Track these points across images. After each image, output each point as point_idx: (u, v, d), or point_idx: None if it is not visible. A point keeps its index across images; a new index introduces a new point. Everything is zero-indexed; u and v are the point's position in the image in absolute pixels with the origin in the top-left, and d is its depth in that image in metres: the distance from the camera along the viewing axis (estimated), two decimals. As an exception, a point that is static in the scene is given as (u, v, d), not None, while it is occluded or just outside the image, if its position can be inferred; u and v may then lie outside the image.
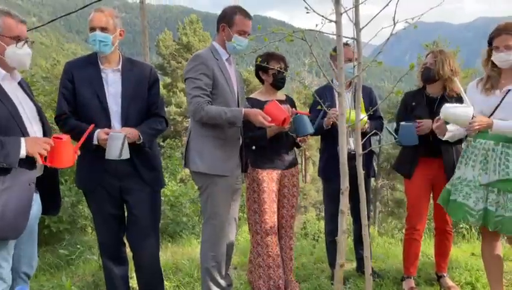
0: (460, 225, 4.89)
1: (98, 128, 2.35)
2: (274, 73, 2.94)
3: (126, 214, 2.62)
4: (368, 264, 2.06)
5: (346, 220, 1.99)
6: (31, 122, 2.12)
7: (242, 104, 2.80)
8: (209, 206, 2.68)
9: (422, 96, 3.05)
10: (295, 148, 3.18)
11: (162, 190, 3.05)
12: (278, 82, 3.01)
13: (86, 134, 2.20)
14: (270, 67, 2.88)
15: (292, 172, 3.10)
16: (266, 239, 2.95)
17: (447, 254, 3.21)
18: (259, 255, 2.98)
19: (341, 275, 2.04)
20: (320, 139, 3.44)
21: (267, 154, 2.98)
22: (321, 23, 1.83)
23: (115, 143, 2.29)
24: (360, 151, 1.99)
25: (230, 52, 2.70)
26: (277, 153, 3.02)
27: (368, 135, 2.74)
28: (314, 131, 2.89)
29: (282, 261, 3.05)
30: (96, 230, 2.67)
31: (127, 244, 2.68)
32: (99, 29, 2.38)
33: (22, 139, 1.98)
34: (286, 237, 3.11)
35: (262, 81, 3.08)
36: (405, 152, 3.11)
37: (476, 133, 2.51)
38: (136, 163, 2.48)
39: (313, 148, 24.53)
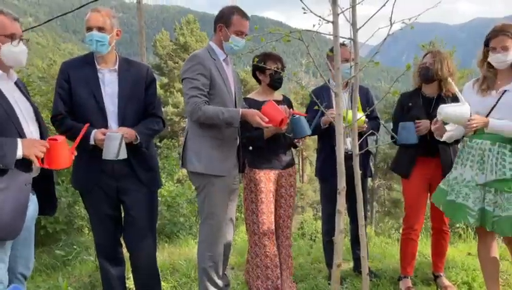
0: (456, 225, 4.91)
1: (95, 128, 2.35)
2: (271, 73, 2.95)
3: (123, 215, 2.61)
4: (365, 264, 2.06)
5: (343, 220, 1.99)
6: (28, 122, 2.11)
7: (239, 104, 2.80)
8: (206, 206, 2.68)
9: (418, 96, 3.06)
10: (292, 148, 3.18)
11: (159, 191, 3.04)
12: (275, 82, 3.01)
13: (81, 134, 2.20)
14: (267, 67, 2.88)
15: (289, 172, 3.10)
16: (264, 239, 2.95)
17: (444, 254, 3.22)
18: (256, 255, 2.98)
19: (338, 275, 2.04)
20: (317, 139, 3.45)
21: (265, 154, 2.98)
22: (318, 23, 1.83)
23: (112, 143, 2.28)
24: (357, 151, 2.00)
25: (227, 52, 2.70)
26: (274, 153, 3.02)
27: (365, 135, 2.75)
28: (311, 132, 2.90)
29: (279, 261, 3.06)
30: (92, 231, 2.67)
31: (124, 244, 2.67)
32: (96, 29, 2.37)
33: (19, 140, 1.97)
34: (283, 237, 3.11)
35: (259, 81, 3.09)
36: (402, 152, 3.12)
37: (472, 133, 2.52)
38: (133, 163, 2.48)
39: (310, 148, 24.55)
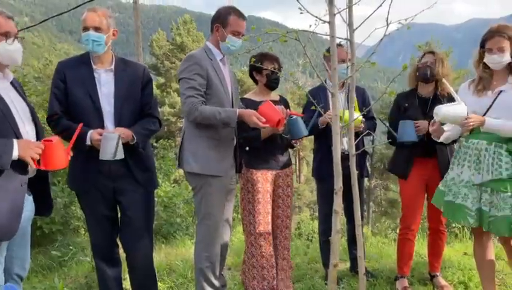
0: (452, 225, 4.93)
1: (91, 128, 2.34)
2: (268, 73, 2.95)
3: (119, 215, 2.61)
4: (362, 264, 2.06)
5: (339, 220, 1.99)
6: (24, 122, 2.10)
7: (236, 104, 2.80)
8: (203, 206, 2.67)
9: (414, 97, 3.07)
10: (289, 148, 3.19)
11: (156, 191, 3.04)
12: (272, 82, 3.01)
13: (76, 134, 2.18)
14: (264, 67, 2.88)
15: (286, 172, 3.10)
16: (260, 240, 2.95)
17: (440, 254, 3.23)
18: (253, 255, 2.98)
19: (335, 275, 2.04)
20: (313, 139, 3.45)
21: (262, 154, 2.98)
22: (315, 23, 1.84)
23: (110, 143, 2.28)
24: (354, 151, 2.00)
25: (224, 52, 2.70)
26: (271, 154, 3.01)
27: (361, 136, 2.75)
28: (308, 133, 2.90)
29: (276, 261, 3.06)
30: (89, 231, 2.66)
31: (120, 245, 2.66)
32: (92, 28, 2.37)
33: (15, 141, 1.96)
34: (281, 237, 3.10)
35: (256, 81, 3.08)
36: (400, 153, 3.12)
37: (468, 133, 2.53)
38: (130, 164, 2.47)
39: (307, 148, 24.57)
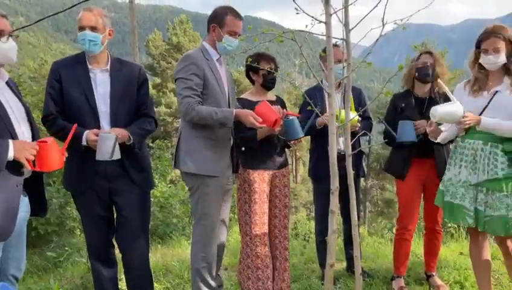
0: (448, 225, 4.94)
1: (87, 129, 2.33)
2: (264, 74, 2.94)
3: (115, 216, 2.60)
4: (358, 264, 2.06)
5: (336, 220, 1.99)
6: (20, 122, 2.09)
7: (233, 104, 2.80)
8: (199, 207, 2.67)
9: (410, 97, 3.08)
10: (286, 148, 3.18)
11: (152, 191, 3.03)
12: (268, 83, 3.01)
13: (71, 134, 2.17)
14: (261, 67, 2.88)
15: (283, 172, 3.10)
16: (255, 240, 2.94)
17: (437, 254, 3.24)
18: (248, 256, 2.98)
19: (331, 275, 2.04)
20: (310, 139, 3.45)
21: (259, 155, 2.98)
22: (311, 24, 1.83)
23: (107, 144, 2.27)
24: (350, 151, 2.00)
25: (220, 52, 2.70)
26: (268, 154, 3.01)
27: (358, 136, 2.76)
28: (304, 135, 2.89)
29: (272, 261, 3.05)
30: (84, 232, 2.64)
31: (116, 245, 2.65)
32: (88, 28, 2.36)
33: (10, 142, 1.95)
34: (280, 237, 3.10)
35: (252, 81, 3.08)
36: (397, 153, 3.12)
37: (464, 133, 2.54)
38: (126, 164, 2.46)
39: (304, 148, 24.59)
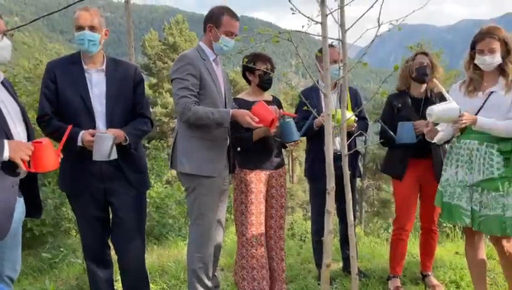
0: (444, 224, 4.96)
1: (83, 129, 2.32)
2: (260, 74, 2.94)
3: (111, 216, 2.59)
4: (354, 264, 2.07)
5: (332, 220, 1.99)
6: (15, 123, 2.07)
7: (229, 104, 2.80)
8: (196, 207, 2.66)
9: (407, 97, 3.09)
10: (282, 148, 3.19)
11: (148, 192, 3.02)
12: (265, 83, 3.01)
13: (65, 136, 2.16)
14: (257, 68, 2.87)
15: (279, 173, 3.10)
16: (251, 240, 2.94)
17: (432, 253, 3.25)
18: (243, 256, 2.97)
19: (327, 275, 2.04)
20: (306, 139, 3.45)
21: (256, 155, 2.97)
22: (307, 24, 1.83)
23: (104, 143, 2.26)
24: (346, 151, 2.00)
25: (217, 52, 2.69)
26: (265, 154, 3.01)
27: (353, 136, 2.76)
28: (299, 137, 2.89)
29: (271, 261, 3.05)
30: (80, 233, 2.63)
31: (112, 246, 2.64)
32: (87, 28, 2.35)
33: (6, 142, 1.94)
34: (276, 237, 3.10)
35: (249, 82, 3.08)
36: (394, 154, 3.12)
37: (459, 133, 2.54)
38: (122, 165, 2.45)
39: (300, 148, 24.62)
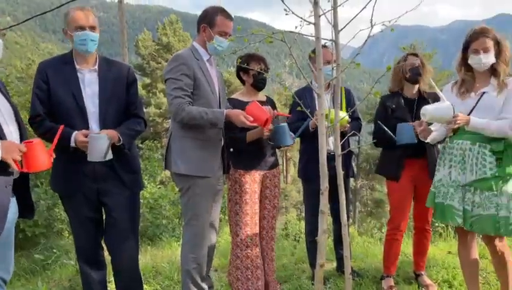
0: (436, 224, 4.99)
1: (76, 130, 2.31)
2: (254, 74, 2.95)
3: (104, 217, 2.57)
4: (348, 263, 2.07)
5: (326, 220, 2.00)
6: (8, 123, 2.05)
7: (223, 104, 2.79)
8: (190, 208, 2.66)
9: (400, 98, 3.10)
10: (276, 149, 3.19)
11: (141, 193, 3.01)
12: (259, 83, 3.01)
13: (57, 136, 2.15)
14: (250, 68, 2.88)
15: (274, 173, 3.10)
16: (246, 240, 2.94)
17: (425, 253, 3.27)
18: (237, 257, 2.98)
19: (321, 275, 2.05)
20: (300, 140, 3.46)
21: (250, 155, 2.98)
22: (300, 25, 1.84)
23: (99, 144, 2.25)
24: (339, 151, 2.01)
25: (211, 52, 2.69)
26: (259, 155, 3.01)
27: (347, 136, 2.77)
28: (293, 142, 2.89)
29: (262, 262, 3.05)
30: (73, 234, 2.61)
31: (105, 247, 2.63)
32: (89, 28, 2.34)
33: None
34: (267, 238, 3.11)
35: (243, 82, 3.08)
36: (389, 155, 3.12)
37: (452, 134, 2.56)
38: (115, 165, 2.44)
39: (294, 149, 24.65)
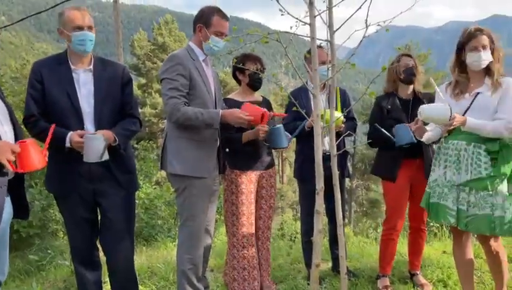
0: (431, 223, 5.01)
1: (71, 130, 2.29)
2: (250, 73, 2.95)
3: (99, 218, 2.56)
4: (343, 263, 2.08)
5: (321, 220, 2.00)
6: (2, 123, 2.04)
7: (219, 105, 2.79)
8: (186, 208, 2.65)
9: (395, 99, 3.11)
10: (272, 149, 3.19)
11: (137, 193, 3.00)
12: (255, 82, 3.01)
13: (50, 135, 2.13)
14: (246, 68, 2.88)
15: (270, 173, 3.10)
16: (242, 241, 2.94)
17: (421, 252, 3.29)
18: (234, 257, 2.97)
19: (317, 275, 2.05)
20: (296, 140, 3.46)
21: (246, 155, 2.98)
22: (295, 25, 1.84)
23: (95, 144, 2.24)
24: (335, 151, 2.01)
25: (207, 52, 2.69)
26: (256, 154, 3.01)
27: (342, 136, 2.77)
28: (288, 144, 2.90)
29: (258, 262, 3.05)
30: (68, 234, 2.60)
31: (100, 248, 2.62)
32: (87, 28, 2.33)
33: None
34: (263, 238, 3.11)
35: (239, 82, 3.08)
36: (386, 155, 3.13)
37: (447, 134, 2.57)
38: (111, 165, 2.43)
39: (290, 149, 24.69)
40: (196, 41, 2.69)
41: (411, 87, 3.10)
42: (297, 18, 1.83)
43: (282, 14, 1.83)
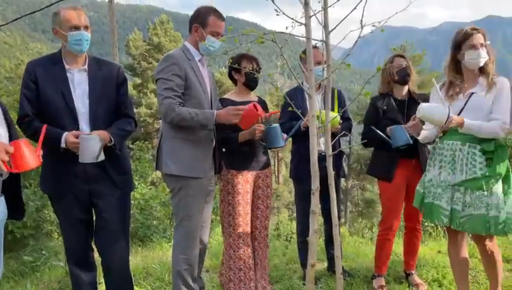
0: (426, 223, 5.02)
1: (66, 130, 2.28)
2: (247, 72, 2.94)
3: (94, 218, 2.55)
4: (339, 263, 2.08)
5: (317, 220, 2.00)
6: None
7: (215, 105, 2.79)
8: (181, 208, 2.65)
9: (390, 99, 3.12)
10: (269, 149, 3.19)
11: (132, 193, 2.99)
12: (251, 81, 3.01)
13: (42, 135, 2.11)
14: (242, 68, 2.88)
15: (266, 173, 3.10)
16: (238, 241, 2.94)
17: (416, 252, 3.30)
18: (230, 257, 2.97)
19: (312, 275, 2.05)
20: (292, 141, 3.47)
21: (242, 155, 2.97)
22: (291, 25, 1.84)
23: (91, 144, 2.23)
24: (330, 152, 2.02)
25: (203, 53, 2.68)
26: (252, 155, 3.01)
27: (338, 136, 2.78)
28: (284, 143, 2.90)
29: (255, 263, 3.05)
30: (63, 235, 2.59)
31: (95, 249, 2.60)
32: (84, 28, 2.32)
33: None
34: (261, 238, 3.10)
35: (235, 82, 3.08)
36: (381, 155, 3.13)
37: (442, 134, 2.58)
38: (106, 166, 2.42)
39: (285, 149, 24.69)
40: (192, 41, 2.68)
41: (406, 87, 3.12)
42: (292, 18, 1.84)
43: (277, 15, 1.84)
